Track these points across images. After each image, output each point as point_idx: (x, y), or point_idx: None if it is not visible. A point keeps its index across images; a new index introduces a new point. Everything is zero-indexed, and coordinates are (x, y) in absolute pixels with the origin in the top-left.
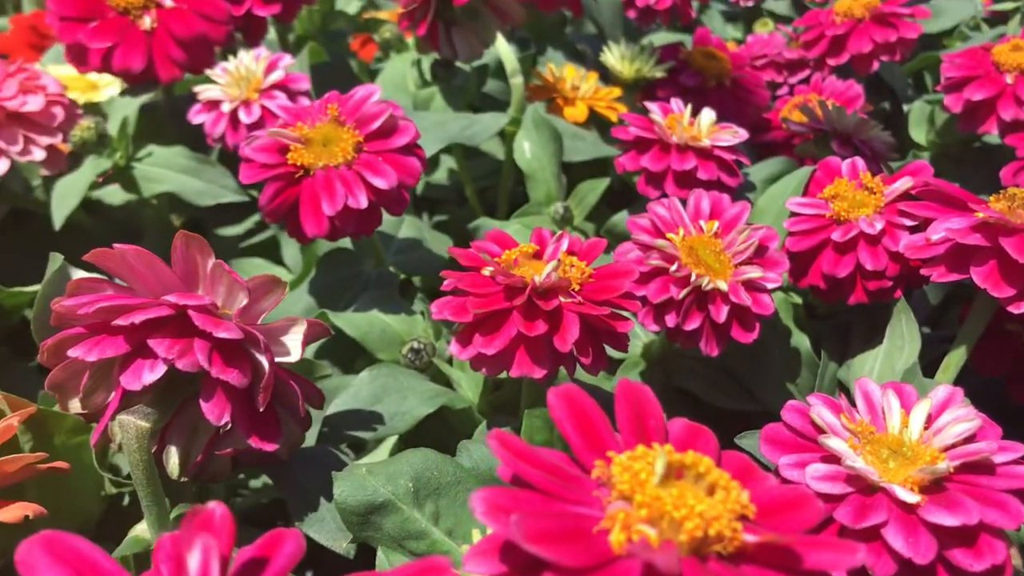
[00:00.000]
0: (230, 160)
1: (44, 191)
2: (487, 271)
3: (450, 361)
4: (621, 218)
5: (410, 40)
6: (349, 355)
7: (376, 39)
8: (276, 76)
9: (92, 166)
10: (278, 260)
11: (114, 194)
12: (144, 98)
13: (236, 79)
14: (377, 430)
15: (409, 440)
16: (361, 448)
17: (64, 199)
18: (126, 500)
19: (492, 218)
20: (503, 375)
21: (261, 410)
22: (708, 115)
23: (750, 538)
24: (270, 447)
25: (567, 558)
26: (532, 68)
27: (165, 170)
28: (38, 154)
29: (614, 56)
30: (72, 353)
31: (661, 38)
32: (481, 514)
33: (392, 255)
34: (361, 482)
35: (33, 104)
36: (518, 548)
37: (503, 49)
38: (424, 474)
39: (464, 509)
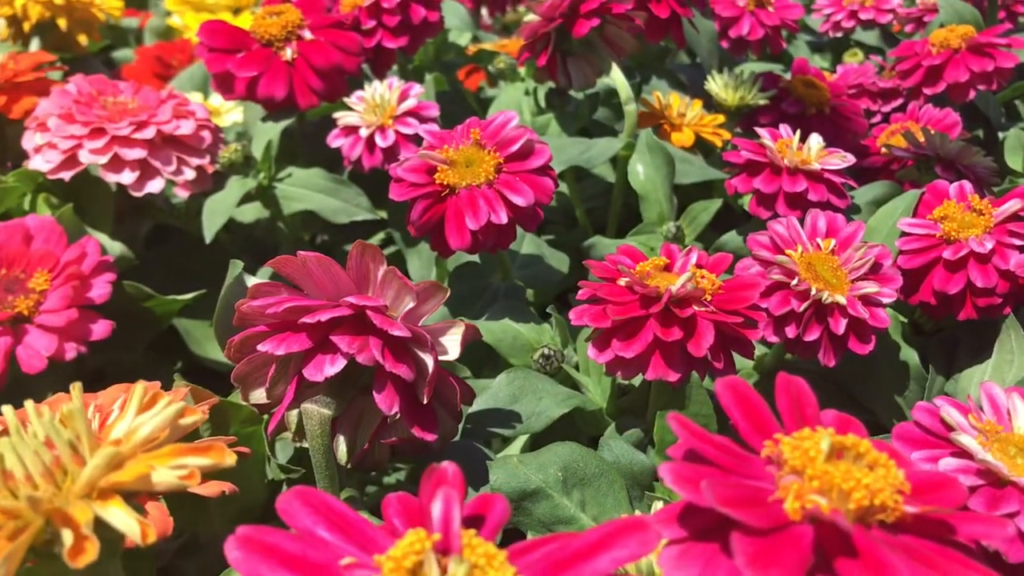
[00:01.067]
0: (359, 181)
1: (182, 208)
2: (622, 282)
3: (577, 367)
4: (729, 238)
5: (522, 70)
6: (477, 361)
7: (490, 69)
8: (409, 104)
9: (238, 185)
10: (403, 272)
11: (245, 212)
12: (283, 123)
13: (372, 106)
14: (515, 428)
15: (538, 439)
16: (489, 445)
17: (214, 215)
18: (284, 487)
19: (593, 236)
20: (627, 381)
21: (424, 403)
22: (816, 140)
23: (910, 509)
24: (430, 437)
25: (753, 520)
26: (638, 96)
27: (304, 190)
28: (189, 174)
29: (718, 84)
30: (262, 348)
31: (752, 67)
32: (671, 482)
33: (516, 269)
34: (514, 471)
35: (185, 128)
36: (697, 514)
37: (618, 78)
38: (571, 465)
39: (608, 498)
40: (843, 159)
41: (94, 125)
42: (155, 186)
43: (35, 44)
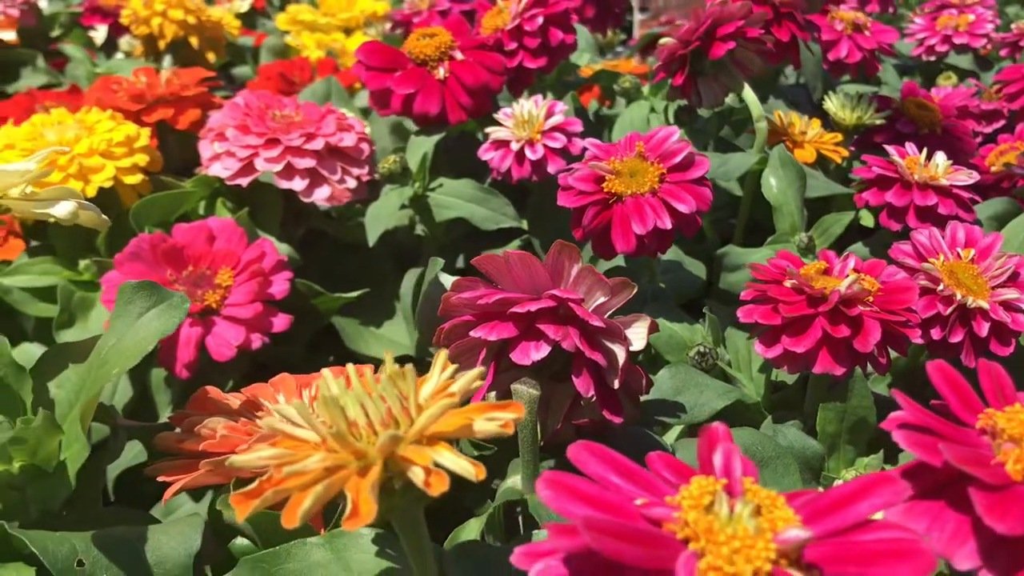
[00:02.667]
0: (501, 190)
1: (328, 214)
2: (789, 283)
3: (729, 364)
4: (856, 248)
5: (645, 89)
6: None
7: (615, 88)
8: (556, 120)
9: (396, 194)
10: None
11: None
12: (436, 137)
13: (520, 122)
14: (680, 417)
15: (693, 430)
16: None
17: (376, 221)
18: None
19: (726, 246)
20: (792, 375)
21: (616, 387)
22: (942, 157)
23: None
24: (617, 420)
25: (987, 477)
26: None
27: (456, 199)
28: (350, 183)
29: (835, 104)
30: (475, 334)
31: (847, 88)
32: (906, 444)
33: (660, 274)
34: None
35: (348, 140)
36: (923, 475)
37: (749, 97)
38: (751, 448)
39: (784, 479)
40: (969, 175)
41: (268, 136)
42: (322, 193)
43: (167, 61)
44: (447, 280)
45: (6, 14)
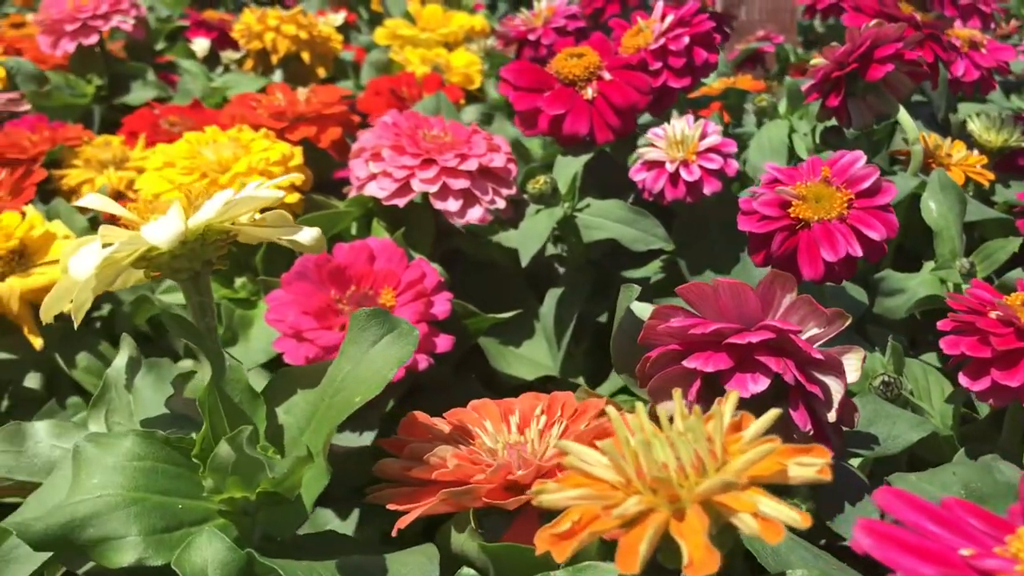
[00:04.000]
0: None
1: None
2: (994, 314)
3: (912, 393)
4: (1015, 274)
5: (781, 108)
6: None
7: (750, 107)
8: (712, 140)
9: (548, 215)
10: None
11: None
12: (584, 157)
13: (673, 143)
14: (874, 449)
15: (876, 462)
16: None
17: (529, 241)
18: None
19: (882, 271)
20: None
21: (832, 421)
22: None
23: None
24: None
25: None
26: (892, 134)
27: (605, 219)
28: (500, 203)
29: (980, 126)
30: (689, 364)
31: (965, 108)
32: None
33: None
34: (916, 487)
35: (498, 161)
36: None
37: (905, 119)
38: (971, 484)
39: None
40: None
41: (423, 156)
42: (475, 214)
43: (278, 76)
44: (640, 308)
45: (120, 28)
